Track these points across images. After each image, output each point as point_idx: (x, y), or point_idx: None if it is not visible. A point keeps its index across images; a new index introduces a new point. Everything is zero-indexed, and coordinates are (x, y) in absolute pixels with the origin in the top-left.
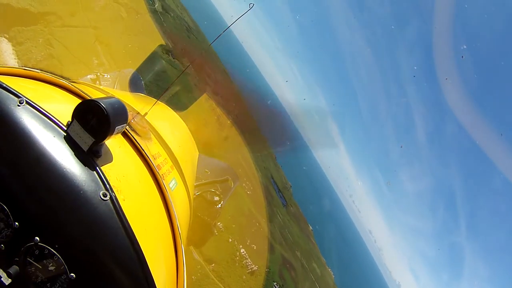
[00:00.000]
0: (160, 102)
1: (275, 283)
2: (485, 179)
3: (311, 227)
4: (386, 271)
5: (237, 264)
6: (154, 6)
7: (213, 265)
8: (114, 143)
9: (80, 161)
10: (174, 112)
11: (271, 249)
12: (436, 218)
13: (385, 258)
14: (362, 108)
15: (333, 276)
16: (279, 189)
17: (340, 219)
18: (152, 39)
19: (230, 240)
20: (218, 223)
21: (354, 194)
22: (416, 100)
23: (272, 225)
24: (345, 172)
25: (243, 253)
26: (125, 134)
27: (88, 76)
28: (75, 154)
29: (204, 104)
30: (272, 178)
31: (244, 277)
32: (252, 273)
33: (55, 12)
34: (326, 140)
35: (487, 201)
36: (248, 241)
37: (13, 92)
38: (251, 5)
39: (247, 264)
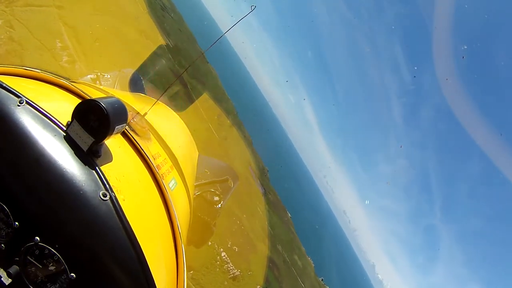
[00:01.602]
0: (160, 102)
1: (259, 287)
2: (462, 163)
3: (290, 214)
4: (360, 252)
5: (217, 269)
6: None
7: (191, 272)
8: (114, 143)
9: (80, 161)
10: (174, 112)
11: (253, 248)
12: (411, 201)
13: (360, 238)
14: (357, 103)
15: (313, 265)
16: (257, 176)
17: (314, 200)
18: (121, 18)
19: (209, 243)
20: None
21: (328, 175)
22: (389, 84)
23: (253, 220)
24: (320, 153)
25: (224, 257)
26: (124, 134)
27: (88, 76)
28: (75, 154)
29: (204, 104)
30: (250, 165)
31: (225, 283)
32: (234, 278)
33: None
34: None
35: (463, 185)
36: (230, 243)
37: (13, 92)
38: (252, 7)
39: (229, 268)
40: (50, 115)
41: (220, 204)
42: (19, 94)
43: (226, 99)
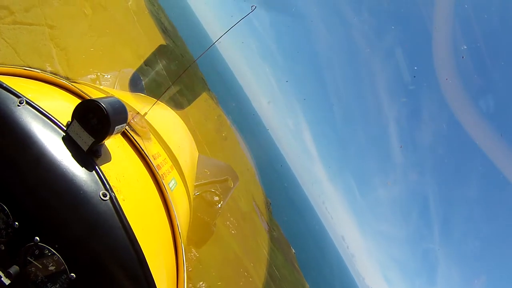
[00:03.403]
0: (160, 102)
1: None
2: (459, 186)
3: (293, 250)
4: (359, 277)
5: None
6: (128, 3)
7: None
8: (114, 143)
9: (80, 161)
10: (174, 112)
11: None
12: (409, 225)
13: (359, 264)
14: (351, 110)
15: None
16: (261, 213)
17: (312, 225)
18: (121, 41)
19: None
20: (201, 283)
21: (326, 200)
22: (385, 105)
23: (259, 267)
24: (318, 177)
25: None
26: (124, 134)
27: (88, 76)
28: (75, 154)
29: (204, 104)
30: (254, 201)
31: None
32: None
33: (7, 6)
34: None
35: (461, 208)
36: None
37: (13, 92)
38: (253, 7)
39: None
40: (50, 115)
41: (220, 204)
42: (19, 94)
43: (227, 126)
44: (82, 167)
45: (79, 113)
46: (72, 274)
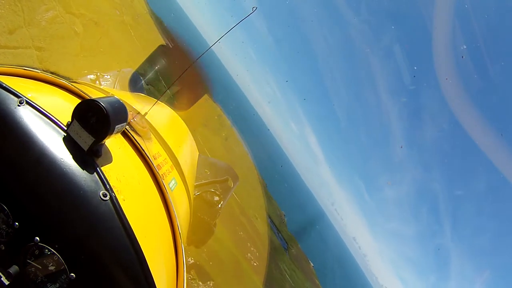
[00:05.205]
0: (160, 102)
1: None
2: (468, 182)
3: (312, 264)
4: (372, 277)
5: None
6: (122, 17)
7: None
8: (114, 143)
9: (80, 161)
10: (174, 112)
11: None
12: (419, 222)
13: (371, 263)
14: (350, 112)
15: None
16: (278, 230)
17: (323, 228)
18: (117, 59)
19: None
20: None
21: (335, 202)
22: (388, 105)
23: None
24: (325, 180)
25: None
26: (125, 134)
27: (88, 76)
28: (75, 154)
29: (204, 104)
30: (270, 218)
31: None
32: None
33: None
34: None
35: (471, 203)
36: None
37: (13, 92)
38: (253, 8)
39: None
40: (51, 115)
41: (220, 204)
42: (19, 94)
43: (227, 126)
44: (83, 167)
45: (79, 113)
46: (72, 274)
